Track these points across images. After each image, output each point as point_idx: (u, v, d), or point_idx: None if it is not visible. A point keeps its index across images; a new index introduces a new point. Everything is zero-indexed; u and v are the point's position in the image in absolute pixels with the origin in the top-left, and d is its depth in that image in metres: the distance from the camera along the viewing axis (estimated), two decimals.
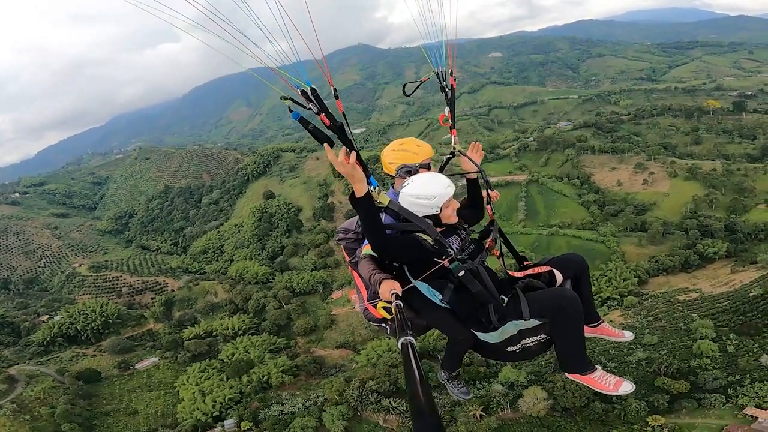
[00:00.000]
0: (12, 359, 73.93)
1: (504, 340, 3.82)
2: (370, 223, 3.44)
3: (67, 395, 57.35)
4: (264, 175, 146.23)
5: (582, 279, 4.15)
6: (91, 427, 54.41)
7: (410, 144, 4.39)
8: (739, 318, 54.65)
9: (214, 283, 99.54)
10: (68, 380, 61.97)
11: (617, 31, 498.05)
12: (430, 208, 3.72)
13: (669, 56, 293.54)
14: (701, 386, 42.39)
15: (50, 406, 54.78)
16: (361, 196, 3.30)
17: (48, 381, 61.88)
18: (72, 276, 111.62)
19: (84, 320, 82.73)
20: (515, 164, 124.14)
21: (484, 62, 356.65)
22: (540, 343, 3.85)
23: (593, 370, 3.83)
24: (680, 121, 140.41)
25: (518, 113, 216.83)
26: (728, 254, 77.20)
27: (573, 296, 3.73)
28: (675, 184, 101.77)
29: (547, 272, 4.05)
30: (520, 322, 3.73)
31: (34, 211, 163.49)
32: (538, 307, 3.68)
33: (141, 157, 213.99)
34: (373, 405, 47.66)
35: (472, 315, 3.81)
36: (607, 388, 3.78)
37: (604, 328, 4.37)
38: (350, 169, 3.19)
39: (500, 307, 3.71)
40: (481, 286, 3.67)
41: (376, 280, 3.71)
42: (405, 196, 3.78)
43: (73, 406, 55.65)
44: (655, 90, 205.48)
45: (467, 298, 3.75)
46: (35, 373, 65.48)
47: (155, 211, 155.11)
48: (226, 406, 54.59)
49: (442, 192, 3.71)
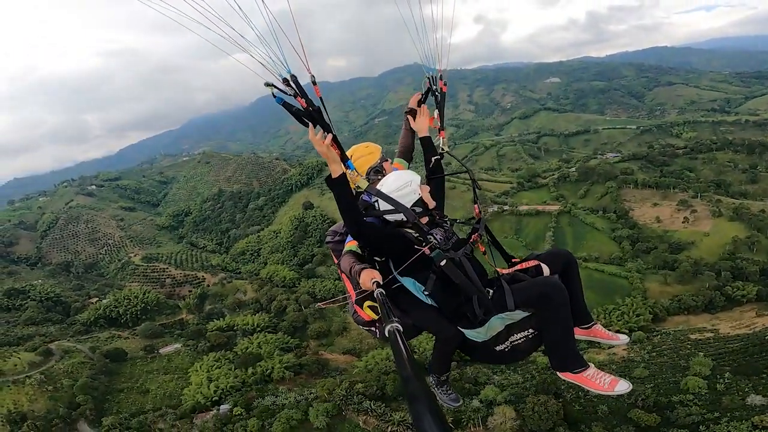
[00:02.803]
0: (55, 335, 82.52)
1: (492, 337, 3.78)
2: (345, 205, 3.54)
3: (92, 370, 64.33)
4: (307, 186, 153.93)
5: (570, 273, 4.05)
6: (103, 400, 60.42)
7: (361, 149, 4.66)
8: (745, 359, 52.62)
9: (245, 282, 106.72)
10: (96, 357, 69.02)
11: (693, 59, 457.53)
12: (413, 192, 3.83)
13: (747, 86, 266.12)
14: (673, 421, 41.51)
15: (73, 379, 61.68)
16: (336, 177, 3.50)
17: (80, 357, 69.15)
18: (126, 264, 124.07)
19: (126, 305, 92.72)
20: (552, 194, 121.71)
21: (540, 87, 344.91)
22: (528, 340, 3.79)
23: (586, 367, 3.71)
24: (740, 156, 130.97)
25: (569, 142, 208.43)
26: (758, 298, 73.12)
27: (558, 284, 3.68)
28: (718, 223, 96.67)
29: (534, 267, 4.01)
30: (506, 316, 3.71)
31: (105, 203, 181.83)
32: (524, 296, 3.64)
33: (203, 161, 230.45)
34: (356, 405, 50.43)
35: (458, 311, 3.76)
36: (601, 387, 3.65)
37: (597, 330, 4.21)
38: (325, 149, 3.48)
39: (485, 300, 3.66)
40: (463, 277, 3.64)
41: (356, 270, 3.72)
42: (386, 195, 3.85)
43: (93, 380, 62.23)
44: (723, 122, 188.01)
45: (452, 292, 3.72)
46: (71, 349, 72.68)
47: (207, 212, 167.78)
48: (226, 392, 59.62)
49: (414, 177, 3.90)
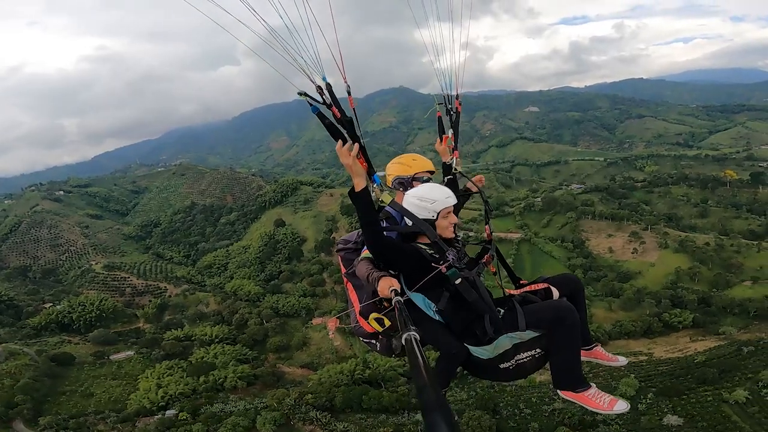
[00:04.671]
0: (3, 338, 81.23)
1: (498, 355, 3.80)
2: (366, 219, 3.53)
3: (35, 372, 63.79)
4: (280, 204, 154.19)
5: (577, 299, 4.14)
6: (43, 401, 60.03)
7: (407, 157, 4.66)
8: (671, 381, 55.88)
9: (209, 295, 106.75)
10: (41, 360, 68.49)
11: (667, 91, 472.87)
12: (427, 211, 3.80)
13: (712, 120, 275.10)
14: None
15: (15, 380, 61.04)
16: (359, 191, 3.45)
17: (25, 359, 68.52)
18: (86, 272, 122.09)
19: (81, 311, 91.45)
20: (517, 222, 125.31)
21: (519, 116, 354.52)
22: (534, 359, 3.83)
23: (588, 387, 3.79)
24: (694, 191, 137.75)
25: (540, 172, 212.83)
26: (695, 325, 78.19)
27: (570, 307, 3.76)
28: (663, 255, 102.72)
29: (544, 289, 4.06)
30: (515, 335, 3.74)
31: (72, 209, 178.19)
32: (535, 318, 3.71)
33: (178, 172, 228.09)
34: (303, 415, 51.65)
35: (467, 328, 3.81)
36: (601, 406, 3.73)
37: (598, 352, 4.36)
38: (351, 161, 3.42)
39: (496, 319, 3.72)
40: (477, 295, 3.69)
41: (374, 278, 3.69)
42: (408, 196, 3.93)
43: (36, 381, 61.73)
44: (684, 156, 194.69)
45: (462, 310, 3.77)
46: (17, 351, 72.06)
47: (177, 224, 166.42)
48: (174, 398, 59.74)
49: (441, 199, 3.83)
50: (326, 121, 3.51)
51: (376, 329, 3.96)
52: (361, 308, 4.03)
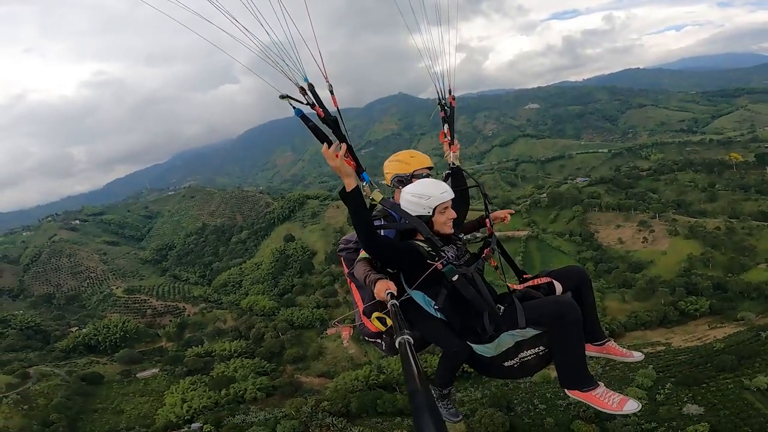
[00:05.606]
0: (34, 361, 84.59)
1: (501, 353, 3.72)
2: (357, 218, 3.50)
3: (67, 392, 66.66)
4: (289, 219, 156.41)
5: (583, 291, 4.00)
6: (77, 419, 62.67)
7: (404, 155, 4.62)
8: (690, 370, 55.36)
9: (225, 312, 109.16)
10: (72, 380, 71.48)
11: (665, 79, 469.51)
12: (422, 207, 3.76)
13: (713, 105, 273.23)
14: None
15: (48, 399, 64.05)
16: (349, 191, 3.42)
17: (56, 380, 71.57)
18: (108, 296, 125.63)
19: (106, 333, 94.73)
20: (525, 220, 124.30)
21: (520, 114, 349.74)
22: (538, 357, 3.73)
23: (595, 386, 3.64)
24: (701, 176, 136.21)
25: (545, 168, 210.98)
26: (712, 312, 77.19)
27: (572, 303, 3.68)
28: (674, 242, 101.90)
29: (547, 283, 3.95)
30: (517, 333, 3.64)
31: (89, 237, 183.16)
32: (535, 315, 3.60)
33: (188, 195, 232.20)
34: (320, 422, 53.00)
35: (468, 325, 3.73)
36: (610, 406, 3.56)
37: (611, 347, 4.14)
38: (339, 162, 3.38)
39: (496, 316, 3.62)
40: (475, 292, 3.62)
41: (371, 280, 3.70)
42: (404, 193, 3.90)
43: (68, 400, 64.60)
44: (689, 142, 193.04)
45: (462, 306, 3.70)
46: (48, 373, 75.17)
47: (191, 246, 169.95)
48: (198, 412, 61.84)
49: (436, 194, 3.77)
50: (310, 124, 3.44)
51: (379, 328, 3.88)
52: (364, 308, 4.02)
